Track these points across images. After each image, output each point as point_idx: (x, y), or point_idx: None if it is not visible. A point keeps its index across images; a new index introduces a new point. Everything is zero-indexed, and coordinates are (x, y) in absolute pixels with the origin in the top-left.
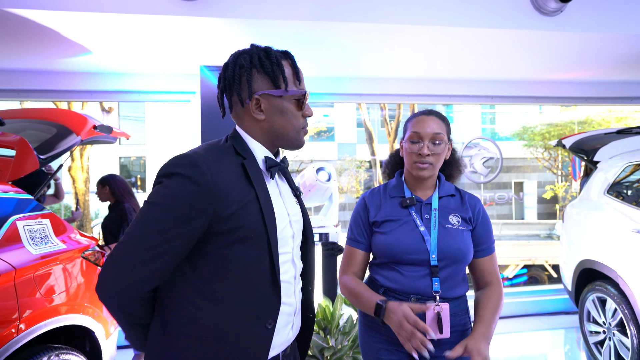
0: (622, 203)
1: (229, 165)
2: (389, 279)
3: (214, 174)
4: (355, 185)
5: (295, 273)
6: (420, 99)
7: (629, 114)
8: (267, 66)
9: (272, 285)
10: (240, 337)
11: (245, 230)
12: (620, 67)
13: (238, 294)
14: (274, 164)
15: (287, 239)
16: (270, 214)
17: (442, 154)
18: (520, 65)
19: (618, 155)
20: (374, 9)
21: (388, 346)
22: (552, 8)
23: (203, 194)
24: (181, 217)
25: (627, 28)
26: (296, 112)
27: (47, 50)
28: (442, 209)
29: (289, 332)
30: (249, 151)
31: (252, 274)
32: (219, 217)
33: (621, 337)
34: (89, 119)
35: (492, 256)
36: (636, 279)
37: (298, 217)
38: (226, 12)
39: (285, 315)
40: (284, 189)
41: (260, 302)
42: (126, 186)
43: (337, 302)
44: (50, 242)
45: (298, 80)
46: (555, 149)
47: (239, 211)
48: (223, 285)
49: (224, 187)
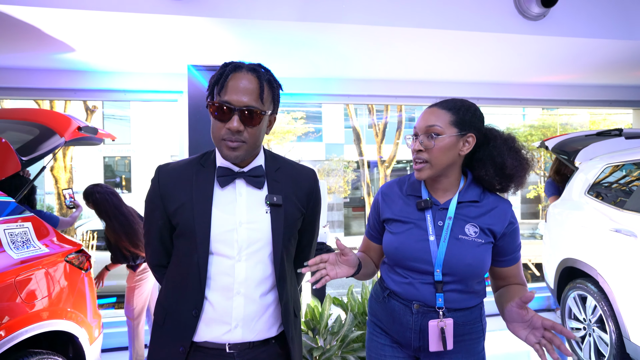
0: (602, 203)
1: (182, 173)
2: (395, 282)
3: (164, 179)
4: (343, 185)
5: (238, 278)
6: (407, 100)
7: (608, 116)
8: (212, 78)
9: (198, 279)
10: (177, 314)
11: (181, 227)
12: (600, 72)
13: (178, 279)
14: (223, 173)
15: (230, 242)
16: (203, 217)
17: (439, 148)
18: (505, 67)
19: (598, 157)
20: (361, 10)
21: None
22: (536, 13)
23: (155, 194)
24: (149, 210)
25: (606, 34)
26: (215, 122)
27: (28, 47)
28: (459, 216)
29: (229, 331)
30: (212, 161)
31: (186, 264)
32: (167, 212)
33: (600, 333)
34: (73, 120)
35: (516, 265)
36: (615, 277)
37: (258, 225)
38: (214, 12)
39: (217, 314)
40: (253, 197)
41: (189, 290)
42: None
43: (325, 302)
44: (32, 246)
45: (220, 92)
46: (538, 150)
47: (178, 210)
48: (173, 269)
49: (169, 190)
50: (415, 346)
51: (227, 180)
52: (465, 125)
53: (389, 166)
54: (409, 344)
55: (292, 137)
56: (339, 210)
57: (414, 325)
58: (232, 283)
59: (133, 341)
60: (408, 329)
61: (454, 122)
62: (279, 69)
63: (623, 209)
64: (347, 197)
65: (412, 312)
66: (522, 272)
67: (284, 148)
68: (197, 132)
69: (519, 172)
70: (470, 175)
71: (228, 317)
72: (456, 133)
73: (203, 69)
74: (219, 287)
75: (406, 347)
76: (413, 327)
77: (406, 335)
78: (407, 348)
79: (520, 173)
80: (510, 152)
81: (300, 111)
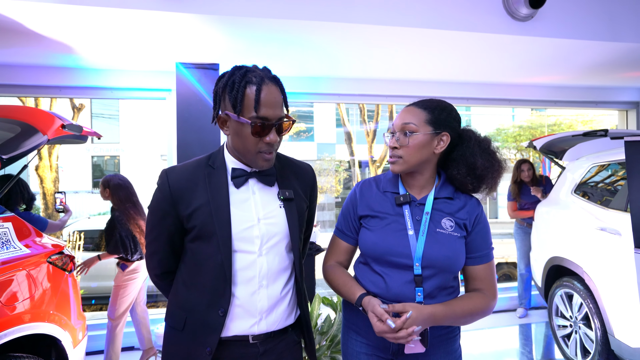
0: (588, 202)
1: (193, 175)
2: (373, 284)
3: (173, 182)
4: (334, 184)
5: (261, 272)
6: (397, 100)
7: (594, 117)
8: (231, 89)
9: (224, 278)
10: (201, 316)
11: (199, 229)
12: (586, 73)
13: (199, 282)
14: (239, 174)
15: (251, 239)
16: (223, 217)
17: (413, 146)
18: (494, 68)
19: (584, 157)
20: (351, 9)
21: (368, 350)
22: (524, 14)
23: (166, 199)
24: (158, 217)
25: (592, 36)
26: (250, 137)
27: (12, 44)
28: (436, 211)
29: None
30: (221, 162)
31: (208, 266)
32: (181, 217)
33: (586, 330)
34: (57, 117)
35: (488, 264)
36: (600, 275)
37: (274, 219)
38: (203, 9)
39: (243, 309)
40: (266, 194)
41: (213, 291)
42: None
43: (315, 302)
44: (12, 246)
45: (256, 108)
46: (527, 149)
47: (194, 213)
48: (191, 272)
49: (181, 193)
50: (394, 349)
51: (242, 180)
52: (440, 124)
53: (380, 166)
54: (388, 347)
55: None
56: (331, 210)
57: None
58: (256, 277)
59: (109, 344)
60: None
61: (428, 120)
62: (269, 67)
63: (608, 208)
64: (338, 196)
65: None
66: (493, 278)
67: None
68: (185, 129)
69: (490, 173)
70: (444, 175)
71: (254, 310)
72: (430, 131)
73: (192, 66)
74: (244, 282)
75: (383, 351)
76: None
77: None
78: (384, 351)
79: (491, 175)
80: (483, 153)
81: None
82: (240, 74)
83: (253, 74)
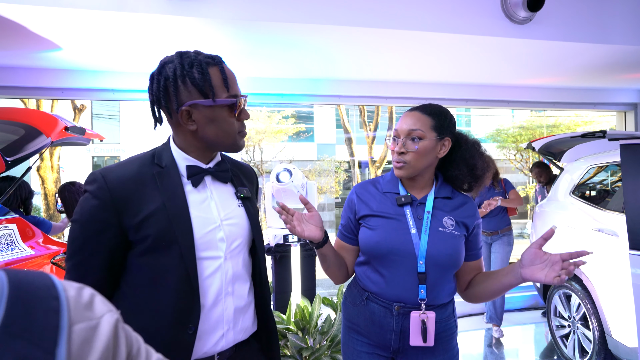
0: (586, 203)
1: (137, 176)
2: (374, 283)
3: (114, 186)
4: (334, 185)
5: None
6: (397, 102)
7: (593, 118)
8: (192, 76)
9: (190, 291)
10: (163, 341)
11: (155, 239)
12: (584, 75)
13: (157, 300)
14: (196, 172)
15: (214, 243)
16: (183, 221)
17: (420, 152)
18: (493, 70)
19: (582, 158)
20: (351, 12)
21: (369, 349)
22: (522, 16)
23: (104, 207)
24: (91, 231)
25: (591, 39)
26: (229, 119)
27: (15, 45)
28: (437, 210)
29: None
30: (170, 160)
31: (169, 280)
32: (126, 227)
33: (584, 330)
34: (60, 120)
35: (480, 259)
36: (597, 276)
37: (236, 219)
38: (205, 13)
39: (213, 321)
40: (221, 192)
41: (179, 308)
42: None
43: (315, 302)
44: (17, 248)
45: (227, 87)
46: (526, 150)
47: (146, 220)
48: (144, 292)
49: (126, 198)
50: (395, 347)
51: (199, 179)
52: (443, 129)
53: (379, 166)
54: (388, 346)
55: (284, 137)
56: (331, 211)
57: (395, 326)
58: (221, 285)
59: None
60: (388, 331)
61: (433, 126)
62: (270, 69)
63: (605, 209)
64: (338, 197)
65: (393, 313)
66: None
67: (275, 148)
68: None
69: (486, 173)
70: (441, 177)
71: (220, 322)
72: (435, 137)
73: None
74: (211, 292)
75: (384, 349)
76: (394, 328)
77: (386, 337)
78: (384, 350)
79: (486, 174)
80: (481, 155)
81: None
82: (189, 60)
83: (201, 56)
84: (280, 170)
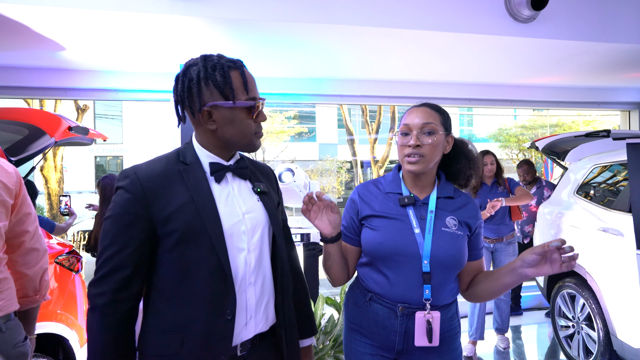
0: (590, 203)
1: (165, 173)
2: (377, 284)
3: (145, 181)
4: (336, 185)
5: (249, 268)
6: (400, 101)
7: (596, 117)
8: (214, 79)
9: (224, 280)
10: (202, 330)
11: (183, 232)
12: (588, 74)
13: (191, 292)
14: (218, 168)
15: (238, 235)
16: (211, 214)
17: (434, 145)
18: (496, 69)
19: (586, 157)
20: (353, 12)
21: (372, 350)
22: (526, 15)
23: (135, 199)
24: (124, 225)
25: (595, 37)
26: (247, 120)
27: (18, 46)
28: (440, 210)
29: (250, 326)
30: (194, 157)
31: (201, 272)
32: (155, 220)
33: (589, 330)
34: (64, 120)
35: (482, 259)
36: (602, 276)
37: (255, 213)
38: (207, 12)
39: (242, 309)
40: (241, 188)
41: (214, 297)
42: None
43: (318, 302)
44: None
45: (246, 90)
46: (529, 150)
47: (175, 214)
48: (176, 284)
49: (157, 192)
50: (399, 348)
51: (221, 175)
52: (448, 126)
53: (382, 166)
54: (392, 347)
55: (286, 137)
56: None
57: (399, 327)
58: (246, 274)
59: None
60: (392, 332)
61: (442, 122)
62: (271, 69)
63: (610, 209)
64: (340, 197)
65: (397, 314)
66: None
67: (277, 148)
68: (189, 131)
69: (477, 169)
70: (444, 175)
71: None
72: (444, 132)
73: None
74: (237, 282)
75: (388, 350)
76: (399, 329)
77: (390, 339)
78: (388, 351)
79: (477, 171)
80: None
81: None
82: (212, 63)
83: (224, 60)
84: (282, 169)
